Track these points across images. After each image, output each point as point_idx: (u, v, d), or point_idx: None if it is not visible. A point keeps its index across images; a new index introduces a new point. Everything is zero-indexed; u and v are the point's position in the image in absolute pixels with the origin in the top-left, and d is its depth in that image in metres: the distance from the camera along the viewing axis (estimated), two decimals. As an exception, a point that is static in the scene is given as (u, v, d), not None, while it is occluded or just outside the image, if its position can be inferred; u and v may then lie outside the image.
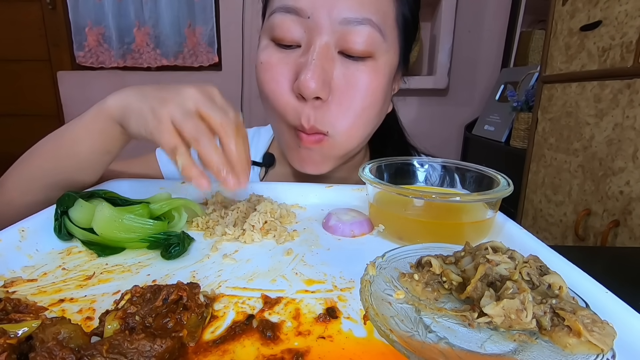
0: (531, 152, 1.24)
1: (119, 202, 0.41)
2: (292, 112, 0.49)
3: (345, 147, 0.52)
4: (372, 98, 0.49)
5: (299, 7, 0.45)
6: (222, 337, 0.25)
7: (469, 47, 1.92)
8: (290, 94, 0.48)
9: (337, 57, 0.47)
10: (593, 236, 0.98)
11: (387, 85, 0.51)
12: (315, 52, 0.45)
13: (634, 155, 0.86)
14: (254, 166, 0.65)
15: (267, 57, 0.49)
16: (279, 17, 0.46)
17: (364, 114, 0.50)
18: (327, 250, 0.38)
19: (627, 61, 0.89)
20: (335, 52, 0.47)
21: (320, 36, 0.45)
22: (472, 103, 1.99)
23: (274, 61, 0.48)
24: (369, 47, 0.46)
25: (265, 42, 0.50)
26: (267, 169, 0.63)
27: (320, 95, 0.46)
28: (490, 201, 0.39)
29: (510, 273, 0.26)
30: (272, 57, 0.48)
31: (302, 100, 0.48)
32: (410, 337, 0.24)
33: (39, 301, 0.28)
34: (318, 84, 0.45)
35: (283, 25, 0.46)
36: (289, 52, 0.48)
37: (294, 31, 0.46)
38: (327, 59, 0.46)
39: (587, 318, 0.23)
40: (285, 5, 0.46)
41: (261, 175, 0.64)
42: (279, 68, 0.48)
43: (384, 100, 0.52)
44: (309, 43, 0.46)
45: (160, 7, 2.01)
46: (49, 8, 2.06)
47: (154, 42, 2.07)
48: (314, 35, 0.46)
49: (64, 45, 2.12)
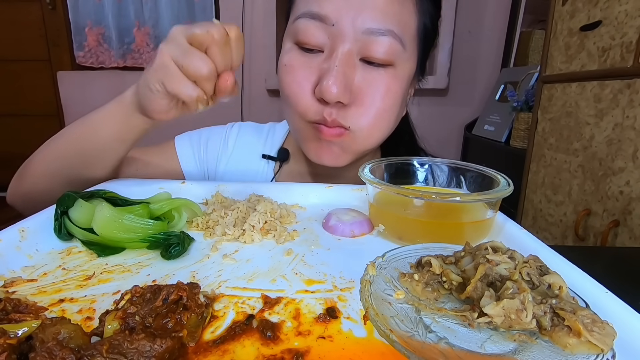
0: (531, 152, 1.24)
1: (119, 202, 0.41)
2: (313, 111, 0.51)
3: (365, 143, 0.54)
4: (391, 102, 0.51)
5: (324, 14, 0.46)
6: (222, 337, 0.25)
7: (469, 47, 1.92)
8: (311, 97, 0.50)
9: (359, 63, 0.49)
10: (593, 236, 0.98)
11: (405, 90, 0.53)
12: (338, 58, 0.47)
13: (634, 155, 0.86)
14: (269, 160, 0.66)
15: (290, 60, 0.51)
16: (304, 22, 0.48)
17: (384, 115, 0.52)
18: (327, 250, 0.38)
19: (627, 61, 0.89)
20: (357, 59, 0.49)
21: (344, 43, 0.47)
22: (472, 103, 1.99)
23: (297, 64, 0.50)
24: (390, 56, 0.48)
25: (288, 45, 0.52)
26: (282, 164, 0.65)
27: (342, 99, 0.48)
28: (490, 201, 0.39)
29: (510, 273, 0.26)
30: (296, 60, 0.50)
31: (324, 103, 0.49)
32: (410, 337, 0.24)
33: (39, 301, 0.28)
34: (340, 89, 0.46)
35: (308, 31, 0.48)
36: (312, 56, 0.49)
37: (318, 37, 0.48)
38: (349, 66, 0.48)
39: (587, 318, 0.23)
40: (311, 12, 0.47)
41: (275, 169, 0.66)
42: (301, 71, 0.50)
43: (401, 105, 0.54)
44: (332, 49, 0.48)
45: (160, 7, 2.01)
46: (49, 8, 2.06)
47: (154, 42, 2.07)
48: (338, 42, 0.47)
49: (64, 45, 2.12)
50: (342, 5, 0.46)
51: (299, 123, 0.54)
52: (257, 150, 0.67)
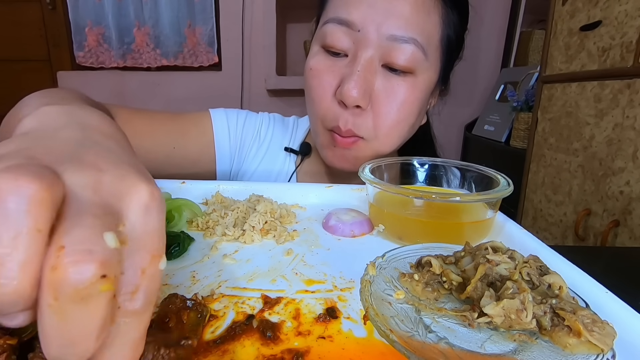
0: (531, 152, 1.24)
1: (119, 202, 0.41)
2: (332, 116, 0.52)
3: (377, 151, 0.55)
4: (408, 111, 0.52)
5: (351, 20, 0.48)
6: (222, 337, 0.25)
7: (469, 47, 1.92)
8: (332, 99, 0.52)
9: (380, 69, 0.50)
10: (593, 236, 0.98)
11: (424, 100, 0.54)
12: (360, 64, 0.49)
13: (634, 155, 0.86)
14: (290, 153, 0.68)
15: (317, 64, 0.53)
16: (331, 27, 0.50)
17: (399, 125, 0.53)
18: (327, 250, 0.38)
19: (627, 61, 0.89)
20: (378, 65, 0.50)
21: (367, 49, 0.49)
22: (472, 103, 1.99)
23: (322, 68, 0.52)
24: (411, 63, 0.49)
25: (316, 48, 0.54)
26: (303, 157, 0.67)
27: (361, 104, 0.49)
28: (490, 201, 0.39)
29: (510, 273, 0.26)
30: (321, 63, 0.52)
31: (343, 106, 0.51)
32: (410, 337, 0.24)
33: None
34: (359, 94, 0.48)
35: (334, 35, 0.50)
36: (337, 60, 0.51)
37: (343, 41, 0.50)
38: (371, 71, 0.49)
39: (587, 318, 0.23)
40: (339, 17, 0.49)
41: (297, 162, 0.68)
42: (325, 75, 0.52)
43: (418, 114, 0.55)
44: (356, 54, 0.49)
45: (160, 7, 2.01)
46: (49, 8, 2.06)
47: (154, 42, 2.07)
48: (361, 48, 0.49)
49: (64, 45, 2.12)
50: (369, 12, 0.48)
51: (319, 128, 0.56)
52: (282, 143, 0.69)
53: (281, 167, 0.67)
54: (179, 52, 2.07)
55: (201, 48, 2.06)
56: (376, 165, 0.47)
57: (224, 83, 2.03)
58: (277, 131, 0.70)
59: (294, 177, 0.66)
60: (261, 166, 0.67)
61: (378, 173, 0.47)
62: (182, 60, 2.06)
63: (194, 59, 2.06)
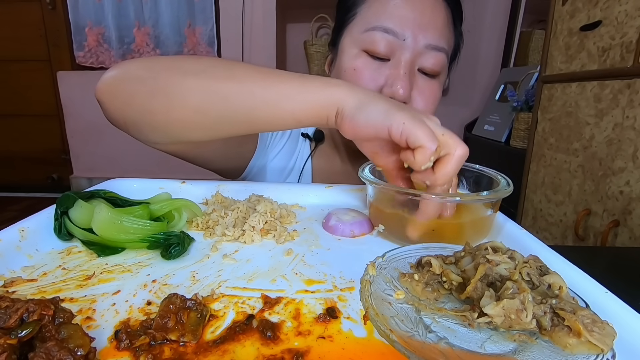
0: (531, 152, 1.24)
1: (119, 203, 0.41)
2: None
3: None
4: (434, 106, 0.61)
5: (397, 30, 0.55)
6: (222, 337, 0.25)
7: (469, 47, 1.92)
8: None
9: (417, 72, 0.58)
10: (593, 236, 0.98)
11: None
12: (406, 67, 0.56)
13: (634, 155, 0.86)
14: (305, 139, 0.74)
15: (363, 66, 0.58)
16: (378, 35, 0.56)
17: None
18: (327, 250, 0.38)
19: (627, 61, 0.89)
20: (415, 68, 0.57)
21: (409, 55, 0.56)
22: (472, 103, 1.99)
23: (369, 70, 0.57)
24: (440, 68, 0.58)
25: (356, 51, 0.58)
26: (317, 144, 0.73)
27: (406, 100, 0.56)
28: (490, 201, 0.39)
29: (510, 273, 0.26)
30: (368, 66, 0.58)
31: None
32: (410, 337, 0.24)
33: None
34: (406, 92, 0.55)
35: (381, 42, 0.56)
36: (381, 63, 0.57)
37: (387, 47, 0.56)
38: (412, 74, 0.57)
39: (587, 318, 0.23)
40: (385, 27, 0.55)
41: (312, 147, 0.73)
42: (369, 75, 0.57)
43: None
44: (399, 59, 0.56)
45: (160, 7, 2.01)
46: (49, 8, 2.06)
47: (154, 42, 2.08)
48: (405, 53, 0.56)
49: (64, 45, 2.12)
50: (413, 24, 0.55)
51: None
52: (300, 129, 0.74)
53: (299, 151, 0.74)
54: (179, 52, 2.07)
55: (201, 48, 2.06)
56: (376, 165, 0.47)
57: (224, 83, 2.03)
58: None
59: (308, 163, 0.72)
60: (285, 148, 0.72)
61: (378, 173, 0.47)
62: (182, 60, 2.06)
63: (194, 59, 2.06)
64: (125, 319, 0.26)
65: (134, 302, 0.28)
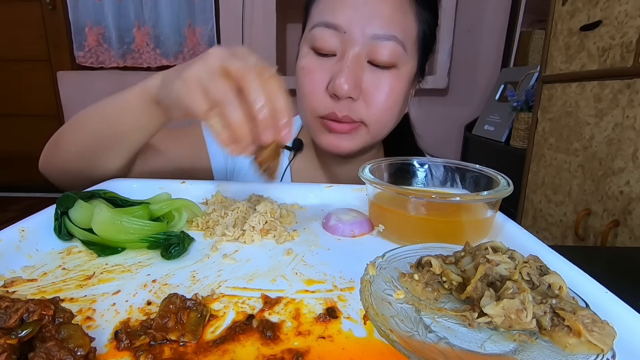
0: (531, 152, 1.24)
1: (119, 203, 0.41)
2: (323, 107, 0.57)
3: (374, 135, 0.59)
4: (394, 100, 0.57)
5: (337, 23, 0.53)
6: (222, 337, 0.25)
7: (469, 47, 1.92)
8: (324, 94, 0.56)
9: (366, 65, 0.55)
10: (593, 236, 0.98)
11: (407, 89, 0.59)
12: (349, 60, 0.53)
13: (634, 155, 0.86)
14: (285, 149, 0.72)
15: (308, 64, 0.57)
16: (319, 30, 0.54)
17: (388, 112, 0.58)
18: (327, 250, 0.38)
19: (627, 61, 0.89)
20: (364, 61, 0.54)
21: (354, 48, 0.53)
22: (472, 103, 1.99)
23: (313, 67, 0.56)
24: (393, 58, 0.54)
25: (305, 50, 0.58)
26: (296, 153, 0.71)
27: (352, 95, 0.54)
28: (490, 201, 0.39)
29: (510, 273, 0.26)
30: (312, 63, 0.56)
31: (336, 99, 0.55)
32: (410, 337, 0.24)
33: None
34: (350, 86, 0.53)
35: (323, 38, 0.54)
36: (326, 59, 0.56)
37: (331, 43, 0.54)
38: (359, 67, 0.54)
39: (587, 318, 0.23)
40: (326, 21, 0.54)
41: (290, 157, 0.71)
42: (317, 73, 0.56)
43: (403, 102, 0.60)
44: (344, 53, 0.54)
45: (160, 7, 2.01)
46: (49, 8, 2.06)
47: (154, 42, 2.07)
48: (348, 47, 0.53)
49: (64, 45, 2.12)
50: (354, 15, 0.53)
51: (309, 118, 0.60)
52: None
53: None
54: (179, 52, 2.07)
55: (201, 48, 2.06)
56: (376, 165, 0.47)
57: (224, 83, 2.03)
58: None
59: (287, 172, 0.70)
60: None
61: (378, 173, 0.47)
62: (182, 60, 2.06)
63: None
64: (125, 319, 0.26)
65: (134, 302, 0.28)
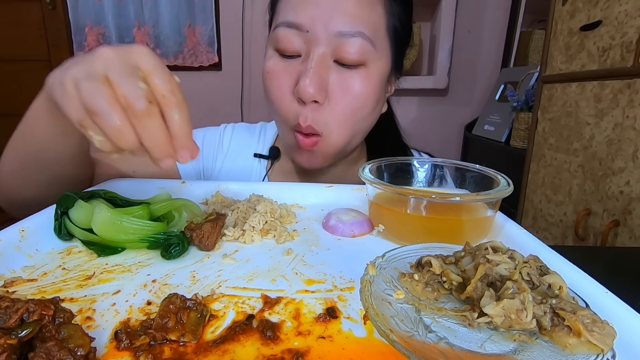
0: (531, 152, 1.24)
1: (119, 203, 0.41)
2: (293, 115, 0.54)
3: (337, 145, 0.56)
4: (364, 101, 0.54)
5: (299, 22, 0.50)
6: (222, 337, 0.25)
7: (469, 47, 1.92)
8: (291, 98, 0.53)
9: (333, 65, 0.52)
10: (593, 236, 0.98)
11: (379, 88, 0.55)
12: (313, 61, 0.50)
13: (634, 155, 0.86)
14: (260, 159, 0.69)
15: (272, 66, 0.54)
16: (282, 31, 0.52)
17: (356, 114, 0.54)
18: (327, 250, 0.38)
19: (627, 61, 0.89)
20: (330, 61, 0.51)
21: (318, 47, 0.50)
22: (472, 103, 1.99)
23: (278, 70, 0.54)
24: (361, 56, 0.51)
25: (270, 52, 0.55)
26: (273, 162, 0.68)
27: (317, 98, 0.51)
28: (490, 201, 0.39)
29: (510, 273, 0.26)
30: (276, 66, 0.54)
31: (302, 103, 0.52)
32: (410, 337, 0.24)
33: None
34: (315, 89, 0.50)
35: (285, 38, 0.52)
36: (291, 61, 0.53)
37: (295, 43, 0.51)
38: (324, 67, 0.51)
39: (587, 318, 0.23)
40: (287, 21, 0.51)
41: (268, 166, 0.69)
42: (281, 76, 0.53)
43: (375, 102, 0.56)
44: (308, 53, 0.51)
45: (160, 7, 2.01)
46: (49, 8, 2.06)
47: (154, 42, 2.07)
48: (312, 47, 0.51)
49: (64, 45, 2.12)
50: (315, 13, 0.50)
51: (284, 129, 0.57)
52: (251, 149, 0.70)
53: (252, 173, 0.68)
54: (179, 52, 2.07)
55: (201, 48, 2.06)
56: (376, 165, 0.47)
57: (224, 83, 2.03)
58: (243, 138, 0.71)
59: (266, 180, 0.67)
60: (231, 174, 0.68)
61: (378, 173, 0.47)
62: (182, 60, 2.06)
63: (194, 59, 2.06)
64: (125, 319, 0.26)
65: (134, 302, 0.28)
